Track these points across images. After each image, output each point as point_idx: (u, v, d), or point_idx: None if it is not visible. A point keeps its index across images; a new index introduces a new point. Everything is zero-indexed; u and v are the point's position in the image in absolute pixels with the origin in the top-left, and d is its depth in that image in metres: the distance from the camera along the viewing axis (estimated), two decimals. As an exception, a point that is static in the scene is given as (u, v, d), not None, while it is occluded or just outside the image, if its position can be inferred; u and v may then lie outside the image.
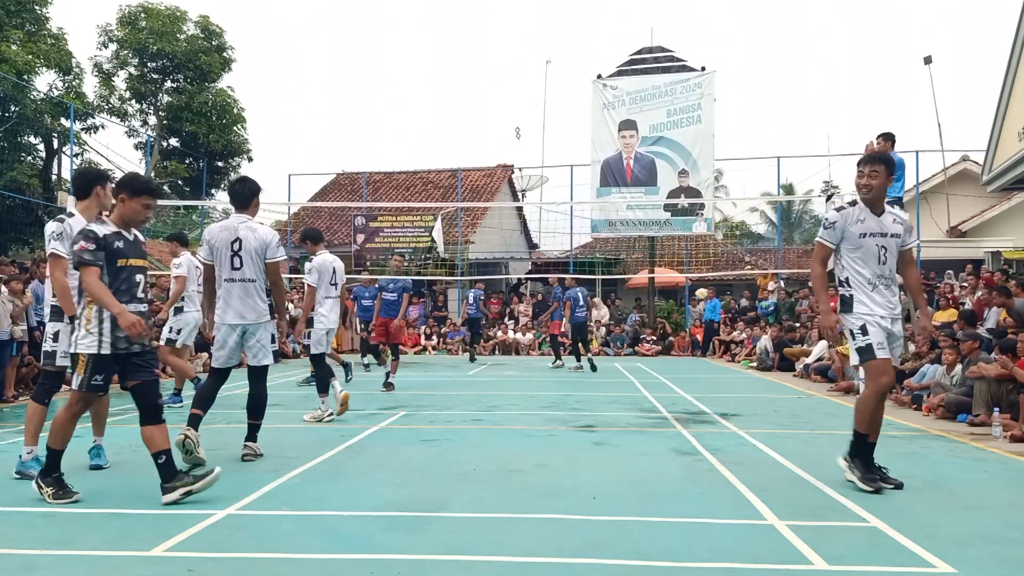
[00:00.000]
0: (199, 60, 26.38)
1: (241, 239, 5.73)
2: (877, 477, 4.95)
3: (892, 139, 10.58)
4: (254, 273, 5.76)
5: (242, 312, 5.76)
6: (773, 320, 18.18)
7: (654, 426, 7.81)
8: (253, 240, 5.75)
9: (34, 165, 23.70)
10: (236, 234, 5.75)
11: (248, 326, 5.80)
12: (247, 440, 5.96)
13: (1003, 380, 7.66)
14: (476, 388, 11.76)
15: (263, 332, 5.87)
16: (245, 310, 5.76)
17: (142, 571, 3.44)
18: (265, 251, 5.78)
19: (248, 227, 5.79)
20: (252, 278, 5.76)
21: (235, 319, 5.77)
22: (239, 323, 5.77)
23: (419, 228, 24.42)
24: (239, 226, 5.79)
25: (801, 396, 10.79)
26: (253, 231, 5.79)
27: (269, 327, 5.91)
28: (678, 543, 3.83)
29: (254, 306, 5.78)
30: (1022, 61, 12.10)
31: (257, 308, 5.80)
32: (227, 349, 5.83)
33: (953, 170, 22.75)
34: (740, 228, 38.26)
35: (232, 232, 5.76)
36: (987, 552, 3.73)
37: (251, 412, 6.03)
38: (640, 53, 23.17)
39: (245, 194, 5.94)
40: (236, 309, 5.76)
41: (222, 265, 5.76)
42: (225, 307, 5.78)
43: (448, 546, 3.78)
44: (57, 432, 4.61)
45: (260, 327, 5.84)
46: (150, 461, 4.72)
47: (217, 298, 5.82)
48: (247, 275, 5.75)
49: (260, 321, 5.82)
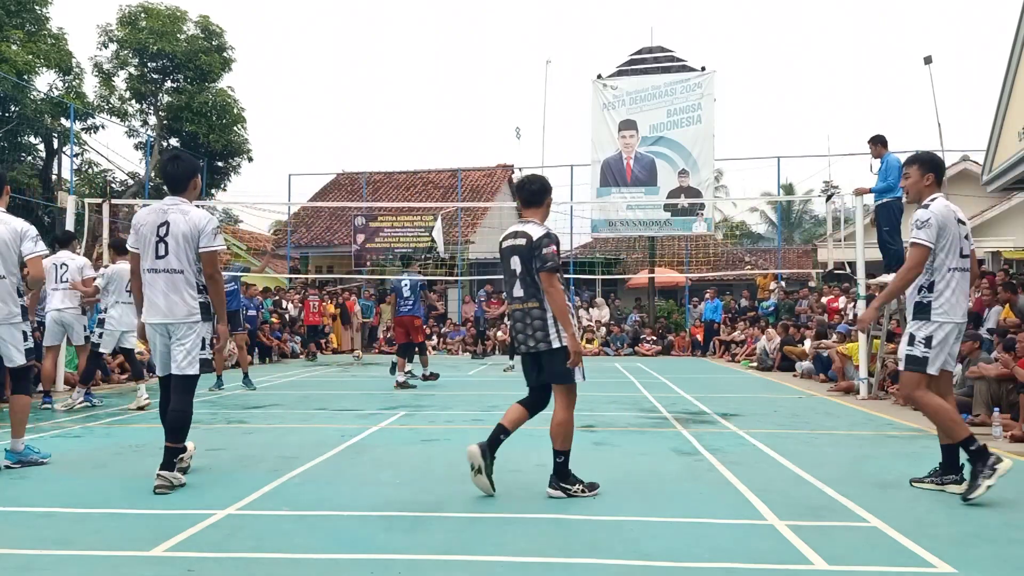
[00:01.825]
0: (199, 60, 26.38)
1: (169, 223, 4.93)
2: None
3: (882, 141, 10.58)
4: (181, 263, 4.93)
5: (163, 308, 4.92)
6: (773, 320, 18.18)
7: (654, 426, 7.81)
8: (183, 224, 4.93)
9: (34, 165, 23.71)
10: (165, 217, 4.96)
11: (172, 326, 4.95)
12: (161, 468, 4.82)
13: (1003, 380, 7.66)
14: (476, 388, 11.76)
15: (188, 335, 4.95)
16: (168, 306, 4.92)
17: (142, 571, 3.44)
18: (198, 238, 4.95)
19: (180, 210, 4.99)
20: (178, 268, 4.92)
21: (156, 317, 4.95)
22: (161, 322, 4.95)
23: (419, 228, 24.42)
24: (169, 208, 5.00)
25: (801, 396, 10.79)
26: (185, 214, 4.97)
27: (199, 329, 4.98)
28: (678, 543, 3.83)
29: (178, 302, 4.93)
30: (1022, 61, 12.09)
31: (183, 305, 4.93)
32: (158, 354, 5.05)
33: (953, 170, 22.75)
34: (740, 228, 38.26)
35: (160, 215, 4.98)
36: (987, 552, 3.73)
37: (168, 432, 4.92)
38: (640, 53, 23.17)
39: (180, 175, 5.13)
40: (156, 305, 4.94)
41: (147, 253, 4.97)
42: (148, 303, 4.98)
43: (448, 546, 3.78)
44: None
45: (186, 328, 4.94)
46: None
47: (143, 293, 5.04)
48: (172, 265, 4.92)
49: (185, 321, 4.93)
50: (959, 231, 5.01)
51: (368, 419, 8.18)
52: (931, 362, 4.92)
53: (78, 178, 24.27)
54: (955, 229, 4.98)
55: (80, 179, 24.74)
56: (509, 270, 4.86)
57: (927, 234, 4.90)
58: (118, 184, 26.28)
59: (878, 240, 10.58)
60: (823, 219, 24.23)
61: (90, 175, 25.80)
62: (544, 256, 4.66)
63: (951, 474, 4.99)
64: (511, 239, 4.88)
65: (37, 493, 4.84)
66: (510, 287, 4.87)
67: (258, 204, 37.43)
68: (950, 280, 4.95)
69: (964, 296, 5.04)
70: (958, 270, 4.97)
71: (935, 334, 4.92)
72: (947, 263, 4.95)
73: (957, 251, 4.97)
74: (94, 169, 26.09)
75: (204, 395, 10.47)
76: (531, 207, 4.98)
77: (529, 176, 5.16)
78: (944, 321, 4.93)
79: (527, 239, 4.77)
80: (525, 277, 4.77)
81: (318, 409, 9.13)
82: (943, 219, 4.94)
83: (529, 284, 4.76)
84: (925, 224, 4.91)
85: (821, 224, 30.99)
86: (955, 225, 4.99)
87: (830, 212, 14.99)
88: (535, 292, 4.74)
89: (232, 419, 8.28)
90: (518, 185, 5.15)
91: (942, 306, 4.93)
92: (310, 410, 9.08)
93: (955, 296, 4.96)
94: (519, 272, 4.80)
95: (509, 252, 4.86)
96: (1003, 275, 13.09)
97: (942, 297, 4.94)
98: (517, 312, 4.84)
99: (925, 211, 4.98)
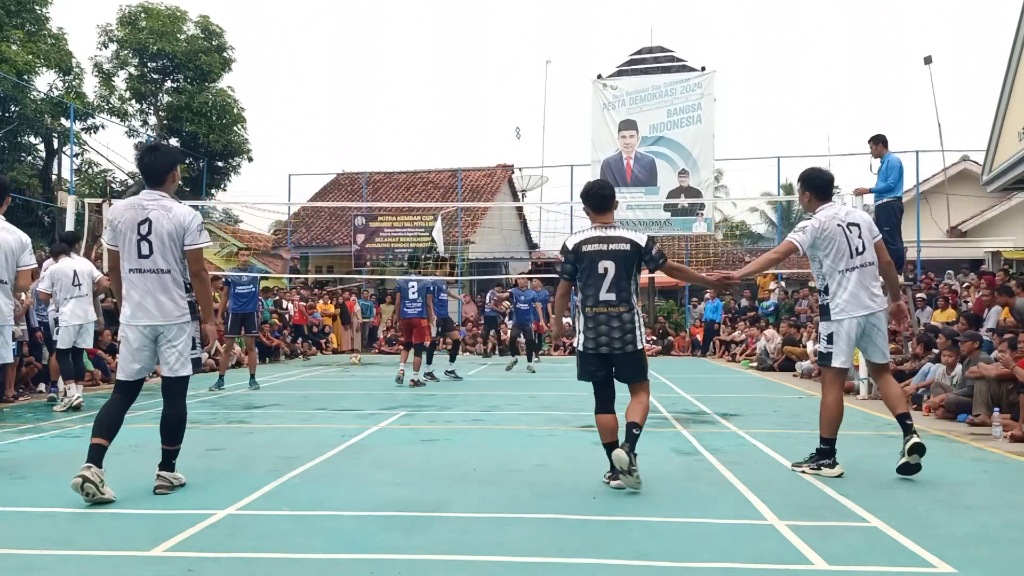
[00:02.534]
0: (199, 60, 26.39)
1: (151, 220, 4.69)
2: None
3: (883, 141, 10.56)
4: (167, 263, 4.71)
5: (153, 310, 4.72)
6: (773, 320, 18.18)
7: (654, 426, 7.80)
8: (167, 222, 4.70)
9: (34, 165, 23.72)
10: (145, 214, 4.70)
11: (160, 328, 4.75)
12: (161, 469, 4.83)
13: (1003, 380, 7.66)
14: (476, 388, 11.76)
15: (180, 336, 4.78)
16: (157, 308, 4.72)
17: (142, 571, 3.44)
18: (183, 235, 4.74)
19: (161, 206, 4.74)
20: (164, 268, 4.71)
21: (142, 319, 4.72)
22: (148, 324, 4.73)
23: (419, 228, 24.41)
24: (150, 205, 4.73)
25: (801, 396, 10.79)
26: (167, 211, 4.73)
27: (188, 330, 4.81)
28: (678, 543, 3.83)
29: (167, 303, 4.73)
30: (1022, 61, 12.09)
31: (171, 305, 4.74)
32: (140, 358, 4.78)
33: (953, 170, 22.75)
34: (740, 228, 38.22)
35: (140, 211, 4.72)
36: (987, 552, 3.73)
37: (164, 435, 4.84)
38: (640, 53, 23.17)
39: (158, 167, 4.84)
40: (144, 307, 4.71)
41: (128, 252, 4.72)
42: (130, 304, 4.75)
43: (448, 546, 3.78)
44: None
45: (176, 329, 4.77)
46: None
47: (123, 293, 4.81)
48: (159, 264, 4.70)
49: (176, 322, 4.76)
50: (847, 235, 5.45)
51: (368, 419, 8.18)
52: (834, 356, 5.46)
53: (78, 178, 24.27)
54: (840, 236, 5.43)
55: (80, 179, 24.74)
56: (596, 273, 4.95)
57: (799, 237, 5.50)
58: (118, 184, 26.28)
59: (878, 240, 10.56)
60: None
61: (90, 175, 25.81)
62: (659, 252, 5.04)
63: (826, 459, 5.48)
64: (602, 243, 4.98)
65: (37, 493, 4.84)
66: (595, 289, 4.95)
67: (258, 204, 37.48)
68: (843, 281, 5.43)
69: (863, 290, 5.44)
70: (851, 270, 5.41)
71: (835, 331, 5.45)
72: (837, 267, 5.43)
73: (846, 254, 5.41)
74: (94, 169, 26.11)
75: (204, 395, 10.48)
76: (606, 211, 5.13)
77: (598, 182, 5.40)
78: (843, 319, 5.41)
79: (631, 244, 4.97)
80: (619, 281, 4.92)
81: (318, 409, 9.13)
82: (822, 228, 5.45)
83: (623, 288, 4.92)
84: (801, 230, 5.53)
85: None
86: (840, 232, 5.44)
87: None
88: (627, 297, 4.93)
89: (232, 419, 8.28)
90: (590, 191, 5.21)
91: (839, 305, 5.42)
92: (310, 410, 9.09)
93: (849, 295, 5.41)
94: (611, 276, 4.92)
95: (599, 256, 4.96)
96: (1003, 275, 13.10)
97: (837, 298, 5.44)
98: (603, 315, 4.95)
99: (806, 220, 5.63)
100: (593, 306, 4.98)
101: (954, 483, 5.26)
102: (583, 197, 5.23)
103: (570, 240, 5.13)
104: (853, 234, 5.47)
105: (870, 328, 5.49)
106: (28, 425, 7.74)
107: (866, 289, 5.44)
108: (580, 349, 5.08)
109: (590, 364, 5.08)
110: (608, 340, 4.95)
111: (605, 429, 5.06)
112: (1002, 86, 12.74)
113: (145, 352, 4.79)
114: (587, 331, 5.02)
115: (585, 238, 5.05)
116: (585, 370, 5.12)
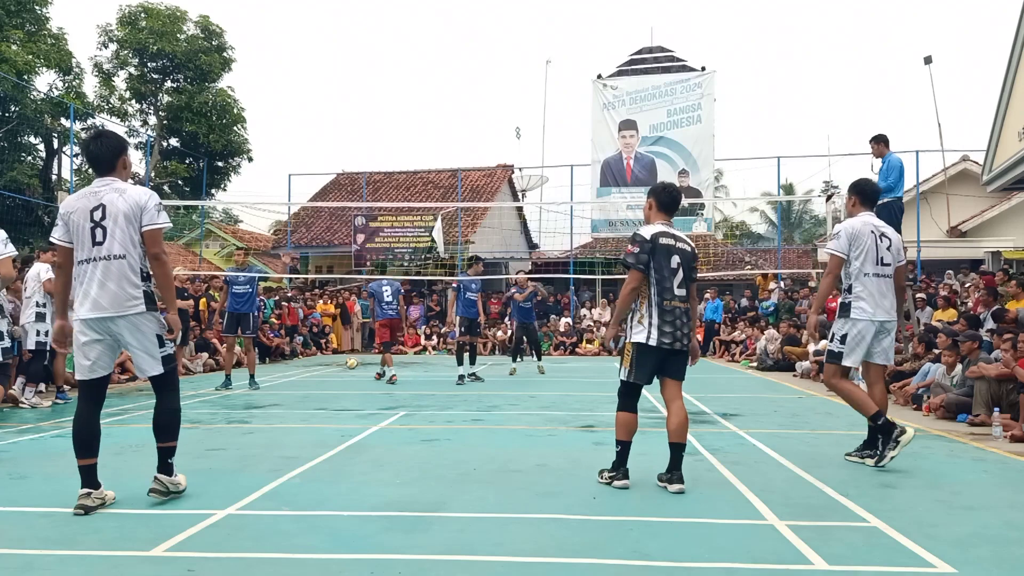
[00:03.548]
0: (199, 60, 26.40)
1: (105, 205, 4.37)
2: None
3: (884, 141, 10.55)
4: (123, 247, 4.35)
5: (103, 301, 4.32)
6: (773, 320, 18.18)
7: (654, 426, 7.80)
8: (122, 203, 4.37)
9: (34, 165, 23.73)
10: (98, 200, 4.39)
11: (112, 320, 4.34)
12: (159, 471, 4.58)
13: (1003, 380, 7.66)
14: (476, 388, 11.75)
15: (137, 329, 4.39)
16: (105, 298, 4.32)
17: (142, 571, 3.44)
18: (140, 215, 4.39)
19: (114, 188, 4.43)
20: (119, 254, 4.34)
21: (94, 311, 4.32)
22: (96, 316, 4.32)
23: (419, 228, 24.42)
24: (102, 190, 4.44)
25: (801, 396, 10.79)
26: (121, 192, 4.42)
27: (145, 327, 4.42)
28: (678, 543, 3.83)
29: (118, 292, 4.33)
30: (1022, 61, 12.09)
31: (123, 294, 4.34)
32: (93, 353, 4.39)
33: (953, 170, 22.74)
34: (740, 228, 38.24)
35: (92, 199, 4.41)
36: (987, 552, 3.73)
37: (156, 432, 4.58)
38: (640, 53, 23.19)
39: (105, 153, 4.52)
40: (93, 297, 4.32)
41: (81, 243, 4.38)
42: (79, 297, 4.39)
43: (448, 546, 3.78)
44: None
45: (129, 321, 4.36)
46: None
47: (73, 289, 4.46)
48: (113, 250, 4.33)
49: (128, 312, 4.34)
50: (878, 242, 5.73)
51: (368, 419, 8.18)
52: (846, 356, 5.74)
53: (78, 178, 24.27)
54: (871, 241, 5.71)
55: (80, 179, 24.72)
56: (670, 267, 5.00)
57: (836, 244, 5.76)
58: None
59: (878, 240, 10.56)
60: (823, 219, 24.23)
61: (90, 175, 25.78)
62: (697, 269, 5.19)
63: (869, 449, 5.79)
64: (672, 239, 5.06)
65: (37, 493, 4.84)
66: (670, 283, 4.98)
67: (258, 204, 37.39)
68: (867, 284, 5.69)
69: (885, 297, 5.71)
70: (876, 275, 5.70)
71: (850, 331, 5.73)
72: (864, 269, 5.70)
73: (873, 259, 5.70)
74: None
75: (208, 395, 10.48)
76: (671, 213, 5.24)
77: (671, 184, 5.54)
78: (862, 319, 5.67)
79: (691, 248, 5.16)
80: (685, 279, 5.04)
81: (318, 409, 9.13)
82: (854, 230, 5.75)
83: (685, 287, 5.05)
84: (835, 237, 5.78)
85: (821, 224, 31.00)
86: (871, 237, 5.73)
87: (830, 212, 14.98)
88: (688, 296, 5.06)
89: (232, 419, 8.28)
90: (664, 189, 5.29)
91: (860, 306, 5.68)
92: (310, 410, 9.08)
93: (871, 297, 5.67)
94: (681, 273, 5.02)
95: (671, 251, 5.02)
96: (1002, 275, 13.10)
97: (860, 299, 5.69)
98: (678, 309, 5.00)
99: (838, 225, 5.91)
100: (670, 299, 4.97)
101: (954, 483, 5.26)
102: (655, 192, 5.27)
103: (644, 230, 5.07)
104: (883, 245, 5.73)
105: (883, 333, 5.72)
106: (28, 425, 7.74)
107: (887, 297, 5.69)
108: (651, 344, 4.93)
109: (653, 360, 4.99)
110: (680, 335, 4.98)
111: (631, 428, 5.09)
112: (1002, 86, 12.74)
113: (96, 347, 4.39)
114: (663, 325, 4.94)
115: (659, 231, 5.05)
116: (645, 369, 5.00)
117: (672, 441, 4.98)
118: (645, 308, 5.00)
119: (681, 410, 5.03)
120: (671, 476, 4.95)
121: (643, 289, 5.02)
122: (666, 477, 4.99)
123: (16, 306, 9.85)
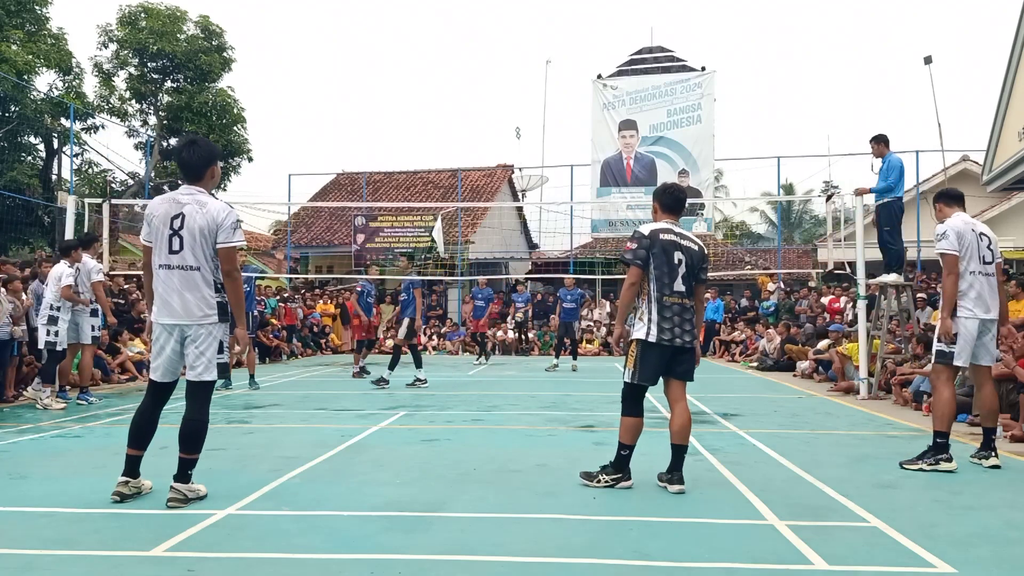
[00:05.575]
0: (199, 60, 26.38)
1: (184, 215, 4.53)
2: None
3: (884, 141, 10.53)
4: (197, 259, 4.52)
5: (178, 308, 4.54)
6: (773, 320, 18.18)
7: (654, 426, 7.80)
8: (200, 218, 4.52)
9: (34, 165, 23.71)
10: (179, 209, 4.56)
11: (186, 328, 4.57)
12: (176, 480, 4.55)
13: (1003, 380, 7.65)
14: (476, 388, 11.75)
15: (206, 338, 4.58)
16: (182, 306, 4.53)
17: (142, 571, 3.44)
18: (216, 232, 4.54)
19: (196, 201, 4.58)
20: (194, 265, 4.53)
21: (169, 317, 4.56)
22: (174, 323, 4.56)
23: (419, 228, 24.42)
24: (185, 199, 4.59)
25: (801, 396, 10.79)
26: (202, 206, 4.56)
27: (215, 332, 4.60)
28: (678, 543, 3.83)
29: (195, 302, 4.54)
30: (1022, 61, 12.10)
31: (197, 304, 4.54)
32: (163, 358, 4.61)
33: (953, 170, 22.74)
34: (740, 228, 38.23)
35: (175, 206, 4.58)
36: (987, 552, 3.73)
37: (183, 442, 4.58)
38: (640, 53, 23.20)
39: (196, 162, 4.67)
40: (169, 304, 4.55)
41: (159, 247, 4.57)
42: (157, 301, 4.60)
43: (448, 546, 3.78)
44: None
45: (202, 331, 4.56)
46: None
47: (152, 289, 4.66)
48: (187, 261, 4.52)
49: (203, 322, 4.56)
50: (979, 241, 5.76)
51: (368, 419, 8.18)
52: (957, 355, 5.68)
53: (78, 178, 24.29)
54: (974, 240, 5.73)
55: (80, 179, 24.76)
56: (671, 263, 4.96)
57: (947, 244, 5.67)
58: (118, 184, 26.29)
59: (878, 240, 10.57)
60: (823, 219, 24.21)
61: (90, 175, 25.81)
62: (707, 270, 5.15)
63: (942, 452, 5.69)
64: (676, 236, 5.04)
65: (37, 493, 4.84)
66: (670, 279, 4.94)
67: (258, 204, 37.33)
68: (973, 282, 5.68)
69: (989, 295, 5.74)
70: (981, 274, 5.70)
71: (959, 331, 5.66)
72: (968, 267, 5.68)
73: (976, 257, 5.71)
74: (94, 169, 26.13)
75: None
76: (676, 213, 5.22)
77: (676, 184, 5.55)
78: (968, 317, 5.65)
79: (699, 246, 5.13)
80: (688, 277, 4.99)
81: (318, 409, 9.13)
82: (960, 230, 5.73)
83: (689, 285, 5.00)
84: (944, 238, 5.69)
85: (821, 224, 30.98)
86: (974, 236, 5.75)
87: (830, 212, 14.97)
88: (691, 294, 5.02)
89: (233, 419, 8.28)
90: (667, 190, 5.30)
91: (966, 305, 5.66)
92: (310, 410, 9.09)
93: (977, 295, 5.67)
94: (683, 269, 4.97)
95: (673, 247, 5.00)
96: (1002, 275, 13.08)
97: (966, 298, 5.67)
98: (677, 306, 4.96)
99: (941, 225, 5.82)
100: (669, 295, 4.94)
101: (954, 483, 5.26)
102: (657, 194, 5.28)
103: (644, 227, 5.07)
104: (983, 243, 5.80)
105: (985, 331, 5.73)
106: (28, 425, 7.74)
107: (993, 295, 5.74)
108: (651, 340, 4.90)
109: (656, 359, 4.96)
110: (681, 332, 4.93)
111: (637, 432, 5.08)
112: (1002, 86, 12.74)
113: (167, 351, 4.59)
114: (662, 321, 4.91)
115: (660, 227, 5.04)
116: (650, 367, 4.96)
117: (674, 442, 4.98)
118: (645, 305, 5.00)
119: (685, 412, 5.02)
120: (672, 476, 4.95)
121: (643, 285, 5.01)
122: (667, 477, 4.99)
123: (16, 306, 9.85)
